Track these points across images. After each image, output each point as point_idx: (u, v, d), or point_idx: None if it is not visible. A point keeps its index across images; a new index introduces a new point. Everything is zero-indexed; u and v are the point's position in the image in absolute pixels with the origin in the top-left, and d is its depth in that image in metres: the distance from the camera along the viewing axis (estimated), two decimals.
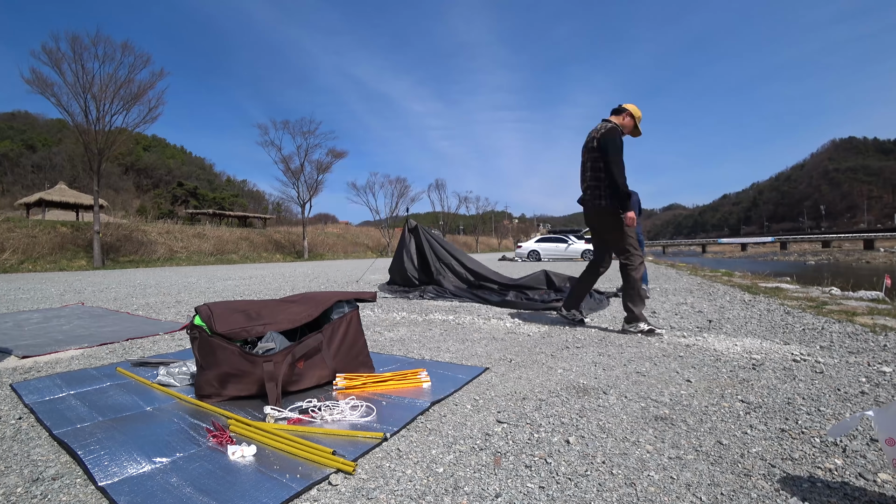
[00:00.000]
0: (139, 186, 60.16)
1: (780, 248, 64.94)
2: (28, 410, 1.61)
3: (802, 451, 1.20)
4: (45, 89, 16.22)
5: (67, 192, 26.92)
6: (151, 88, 18.17)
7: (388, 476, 1.10)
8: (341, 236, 40.15)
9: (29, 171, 50.50)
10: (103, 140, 17.38)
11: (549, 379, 1.88)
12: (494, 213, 75.74)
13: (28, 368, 2.23)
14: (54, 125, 60.51)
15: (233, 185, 76.40)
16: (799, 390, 1.68)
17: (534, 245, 19.76)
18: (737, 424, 1.37)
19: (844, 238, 65.59)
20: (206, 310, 1.72)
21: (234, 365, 1.61)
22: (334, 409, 1.49)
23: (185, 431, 1.36)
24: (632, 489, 1.02)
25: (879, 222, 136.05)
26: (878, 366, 1.97)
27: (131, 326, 3.37)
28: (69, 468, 1.16)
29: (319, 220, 55.06)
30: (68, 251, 17.94)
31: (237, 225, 37.06)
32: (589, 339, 2.66)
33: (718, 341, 2.55)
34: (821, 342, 2.47)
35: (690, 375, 1.89)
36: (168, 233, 24.40)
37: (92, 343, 2.76)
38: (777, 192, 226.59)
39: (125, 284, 8.10)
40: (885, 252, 38.45)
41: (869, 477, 1.06)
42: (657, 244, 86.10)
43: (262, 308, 1.85)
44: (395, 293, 5.42)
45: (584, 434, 1.32)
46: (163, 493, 1.01)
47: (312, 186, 31.77)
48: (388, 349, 2.51)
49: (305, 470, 1.11)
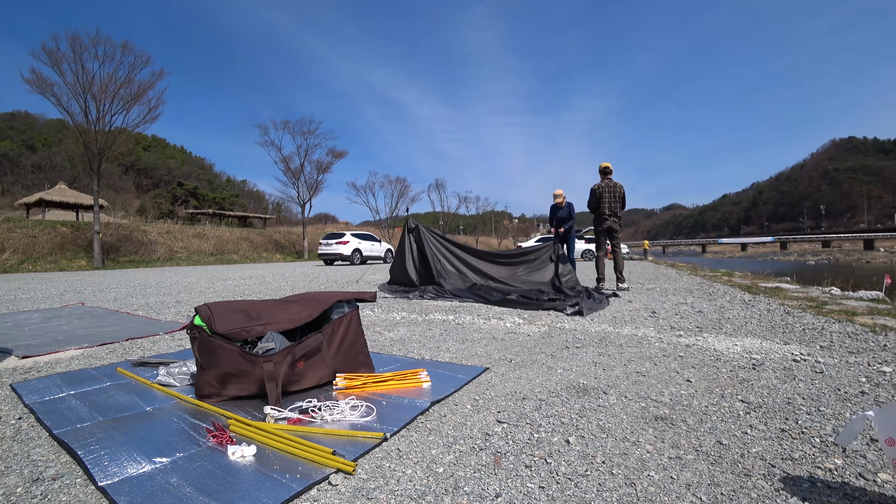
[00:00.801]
0: (139, 186, 60.17)
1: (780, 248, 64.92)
2: (28, 410, 1.61)
3: (802, 451, 1.20)
4: (45, 89, 16.23)
5: (67, 192, 26.92)
6: (151, 88, 18.20)
7: (388, 476, 1.10)
8: None
9: (29, 171, 50.51)
10: (103, 140, 17.39)
11: (549, 379, 1.88)
12: (494, 213, 75.70)
13: (28, 368, 2.23)
14: (54, 125, 60.52)
15: (233, 185, 76.40)
16: (799, 390, 1.68)
17: (534, 245, 19.79)
18: (737, 424, 1.37)
19: (844, 238, 65.59)
20: (206, 310, 1.72)
21: (235, 365, 1.61)
22: (334, 409, 1.49)
23: (185, 431, 1.36)
24: (632, 489, 1.02)
25: (879, 222, 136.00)
26: (878, 366, 1.97)
27: (131, 326, 3.37)
28: (69, 468, 1.16)
29: (319, 220, 55.07)
30: (68, 251, 17.95)
31: (237, 225, 37.06)
32: (589, 339, 2.66)
33: (718, 341, 2.55)
34: (821, 342, 2.47)
35: (690, 375, 1.89)
36: (168, 233, 24.40)
37: (92, 343, 2.76)
38: (777, 192, 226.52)
39: (125, 284, 8.10)
40: (885, 252, 38.43)
41: (869, 477, 1.06)
42: (657, 244, 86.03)
43: (262, 308, 1.85)
44: (395, 293, 5.42)
45: (584, 434, 1.32)
46: (163, 494, 1.01)
47: (312, 186, 31.77)
48: (388, 349, 2.51)
49: (305, 470, 1.11)
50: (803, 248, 62.44)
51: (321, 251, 17.37)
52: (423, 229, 6.04)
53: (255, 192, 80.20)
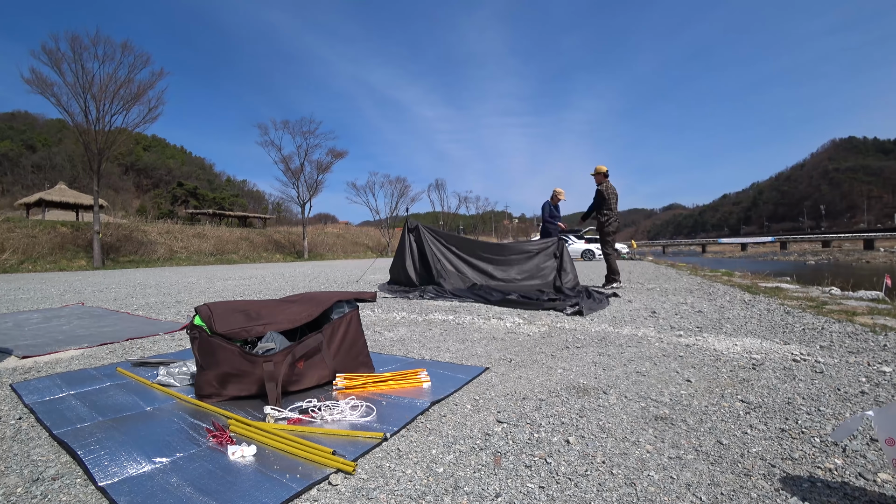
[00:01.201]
0: (139, 186, 60.18)
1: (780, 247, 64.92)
2: (28, 410, 1.61)
3: (802, 450, 1.20)
4: (45, 89, 16.25)
5: (67, 192, 26.93)
6: (151, 88, 18.24)
7: (388, 476, 1.10)
8: (341, 236, 40.16)
9: (29, 171, 50.51)
10: (103, 140, 17.40)
11: (549, 379, 1.88)
12: (494, 213, 75.72)
13: (28, 368, 2.23)
14: (54, 125, 60.53)
15: (233, 185, 76.38)
16: (799, 390, 1.68)
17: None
18: (737, 424, 1.37)
19: (844, 238, 65.57)
20: (206, 310, 1.72)
21: (235, 365, 1.61)
22: (334, 409, 1.49)
23: (185, 431, 1.36)
24: (632, 489, 1.02)
25: (879, 222, 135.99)
26: (878, 366, 1.97)
27: (131, 326, 3.37)
28: (69, 468, 1.16)
29: (319, 220, 55.07)
30: (68, 251, 17.95)
31: (237, 225, 37.07)
32: (589, 339, 2.66)
33: (718, 341, 2.55)
34: (821, 342, 2.47)
35: (690, 375, 1.89)
36: (168, 233, 24.41)
37: (92, 343, 2.76)
38: (777, 192, 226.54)
39: (125, 284, 8.10)
40: (885, 252, 38.43)
41: (869, 477, 1.06)
42: (657, 244, 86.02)
43: (262, 308, 1.85)
44: (395, 293, 5.42)
45: (584, 434, 1.32)
46: (163, 494, 1.01)
47: (312, 186, 31.79)
48: (388, 349, 2.51)
49: (305, 470, 1.11)
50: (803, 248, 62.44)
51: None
52: (423, 229, 6.04)
53: (255, 192, 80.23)
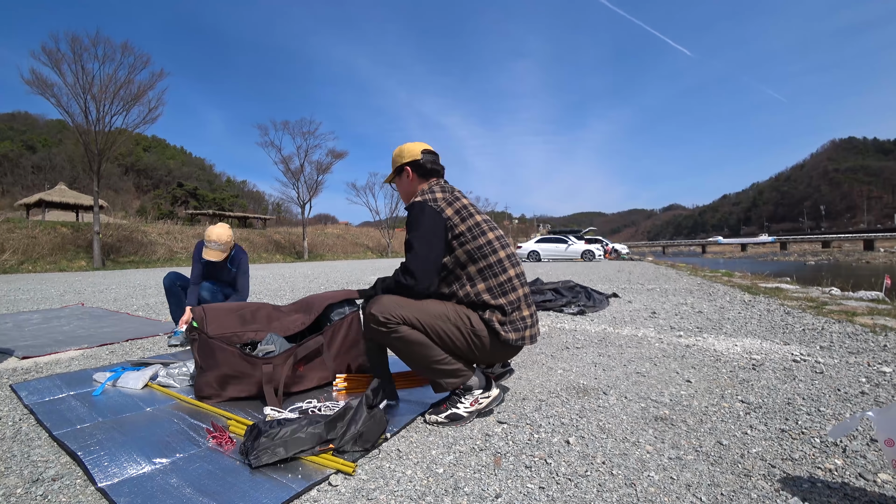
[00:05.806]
0: (139, 187, 60.18)
1: (779, 248, 64.93)
2: (28, 411, 1.60)
3: (802, 451, 1.20)
4: (45, 90, 16.23)
5: (67, 192, 26.91)
6: (151, 89, 18.19)
7: (388, 476, 1.10)
8: (341, 237, 40.15)
9: (29, 171, 50.51)
10: (103, 141, 17.38)
11: (549, 379, 1.88)
12: (495, 213, 75.72)
13: (28, 369, 2.23)
14: (54, 126, 60.56)
15: (233, 185, 76.37)
16: (799, 390, 1.68)
17: (534, 245, 19.69)
18: (737, 425, 1.37)
19: (844, 238, 65.53)
20: (200, 311, 1.72)
21: (234, 367, 1.61)
22: (334, 409, 1.49)
23: (184, 432, 1.36)
24: (632, 489, 1.02)
25: (879, 222, 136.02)
26: (878, 366, 1.97)
27: (131, 327, 3.37)
28: (69, 469, 1.16)
29: (319, 221, 55.06)
30: (68, 252, 17.94)
31: (237, 225, 37.06)
32: (589, 340, 2.66)
33: (718, 342, 2.55)
34: (821, 342, 2.47)
35: (690, 376, 1.89)
36: (168, 233, 24.40)
37: (92, 344, 2.76)
38: (777, 193, 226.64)
39: (125, 285, 8.10)
40: (884, 252, 38.43)
41: (869, 477, 1.06)
42: (657, 244, 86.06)
43: (257, 310, 1.86)
44: None
45: (584, 434, 1.32)
46: (163, 494, 1.01)
47: (312, 187, 31.79)
48: None
49: (305, 470, 1.11)
50: (803, 249, 62.42)
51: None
52: None
53: (254, 192, 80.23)
